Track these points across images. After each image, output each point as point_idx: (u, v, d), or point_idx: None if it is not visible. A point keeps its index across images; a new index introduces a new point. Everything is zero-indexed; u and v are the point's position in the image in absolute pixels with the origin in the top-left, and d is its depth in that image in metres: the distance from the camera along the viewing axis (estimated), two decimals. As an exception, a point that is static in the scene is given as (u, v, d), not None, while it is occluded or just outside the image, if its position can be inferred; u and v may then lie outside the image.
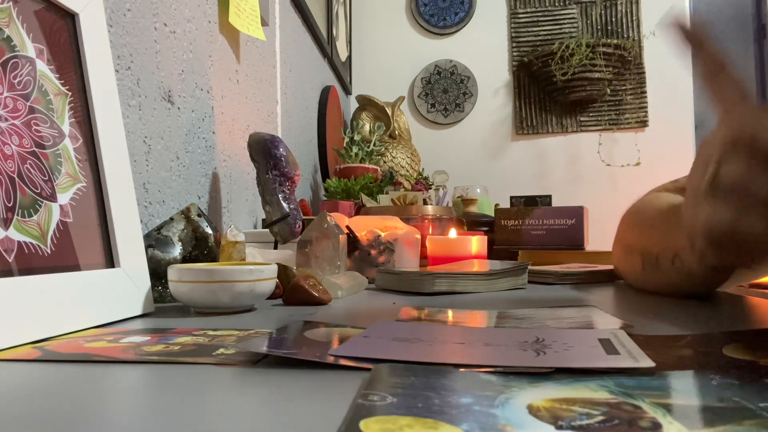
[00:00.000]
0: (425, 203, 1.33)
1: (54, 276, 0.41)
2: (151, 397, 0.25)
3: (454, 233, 0.95)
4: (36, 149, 0.43)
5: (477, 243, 0.92)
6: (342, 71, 2.24)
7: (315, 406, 0.23)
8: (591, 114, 2.42)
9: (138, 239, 0.53)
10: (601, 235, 1.34)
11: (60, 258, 0.43)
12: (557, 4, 2.47)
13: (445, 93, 2.54)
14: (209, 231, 0.64)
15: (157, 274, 0.58)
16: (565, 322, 0.42)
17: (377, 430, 0.19)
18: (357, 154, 1.69)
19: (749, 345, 0.32)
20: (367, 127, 2.08)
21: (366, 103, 2.17)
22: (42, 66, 0.46)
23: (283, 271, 0.62)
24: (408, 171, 1.96)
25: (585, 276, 0.78)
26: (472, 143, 2.51)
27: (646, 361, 0.27)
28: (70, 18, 0.50)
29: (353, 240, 0.83)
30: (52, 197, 0.44)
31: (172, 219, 0.63)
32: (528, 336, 0.35)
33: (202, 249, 0.63)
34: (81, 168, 0.48)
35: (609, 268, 0.79)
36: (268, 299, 0.60)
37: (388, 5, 2.59)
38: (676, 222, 0.52)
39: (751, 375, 0.25)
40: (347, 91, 2.44)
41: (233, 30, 1.06)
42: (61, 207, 0.44)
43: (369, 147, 1.72)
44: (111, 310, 0.46)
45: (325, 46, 1.91)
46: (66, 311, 0.41)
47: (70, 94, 0.48)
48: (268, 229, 0.86)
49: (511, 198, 1.59)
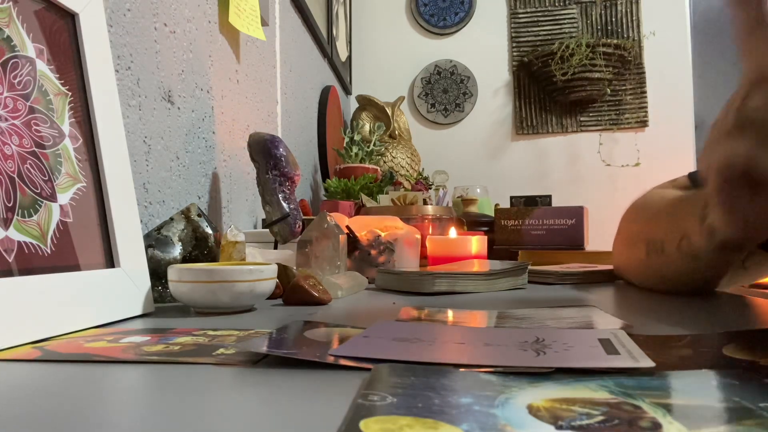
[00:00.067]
0: (425, 203, 1.33)
1: (54, 276, 0.41)
2: (151, 397, 0.25)
3: (454, 233, 0.95)
4: (36, 149, 0.43)
5: (477, 243, 0.92)
6: (342, 71, 2.24)
7: (315, 406, 0.23)
8: (591, 114, 2.42)
9: (138, 239, 0.53)
10: (601, 235, 1.33)
11: (60, 258, 0.43)
12: (557, 4, 2.47)
13: (445, 93, 2.54)
14: (209, 231, 0.64)
15: (157, 274, 0.58)
16: (565, 322, 0.42)
17: (377, 430, 0.19)
18: (357, 154, 1.69)
19: (749, 345, 0.32)
20: (367, 127, 2.08)
21: (366, 103, 2.17)
22: (42, 66, 0.46)
23: (283, 271, 0.62)
24: (408, 171, 1.96)
25: (585, 276, 0.78)
26: (472, 143, 2.51)
27: (646, 361, 0.27)
28: (70, 18, 0.50)
29: (353, 240, 0.83)
30: (52, 197, 0.44)
31: (172, 219, 0.63)
32: (528, 336, 0.35)
33: (202, 249, 0.63)
34: (81, 168, 0.48)
35: (609, 268, 0.79)
36: (268, 299, 0.60)
37: (388, 5, 2.59)
38: (684, 207, 0.55)
39: (751, 375, 0.25)
40: (347, 91, 2.44)
41: (233, 30, 1.06)
42: (61, 207, 0.44)
43: (369, 147, 1.71)
44: (111, 310, 0.46)
45: (325, 46, 1.91)
46: (66, 311, 0.41)
47: (70, 94, 0.48)
48: (268, 229, 0.86)
49: (511, 198, 1.59)
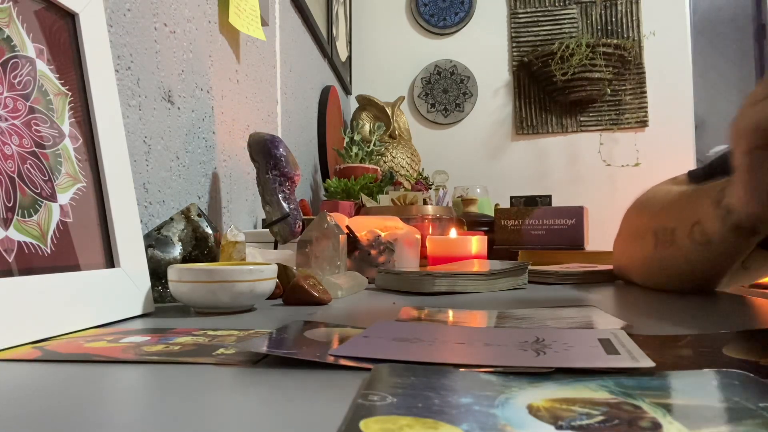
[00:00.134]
0: (425, 203, 1.33)
1: (54, 276, 0.41)
2: (151, 397, 0.25)
3: (454, 233, 0.95)
4: (36, 149, 0.43)
5: (477, 243, 0.92)
6: (342, 71, 2.24)
7: (315, 406, 0.23)
8: (591, 114, 2.42)
9: (138, 239, 0.53)
10: (601, 235, 1.34)
11: (60, 258, 0.43)
12: (557, 4, 2.47)
13: (445, 93, 2.54)
14: (209, 231, 0.64)
15: (157, 274, 0.58)
16: (565, 322, 0.42)
17: (377, 430, 0.19)
18: (357, 154, 1.69)
19: (749, 345, 0.32)
20: (367, 127, 2.08)
21: (366, 103, 2.17)
22: (42, 66, 0.46)
23: (283, 271, 0.62)
24: (408, 171, 1.96)
25: (585, 276, 0.78)
26: (472, 143, 2.51)
27: (646, 361, 0.27)
28: (70, 18, 0.50)
29: (353, 240, 0.83)
30: (52, 197, 0.44)
31: (172, 219, 0.63)
32: (528, 336, 0.35)
33: (202, 249, 0.63)
34: (81, 168, 0.48)
35: (609, 268, 0.79)
36: (268, 299, 0.60)
37: (388, 5, 2.59)
38: (698, 194, 0.56)
39: (751, 375, 0.25)
40: (347, 91, 2.44)
41: (233, 30, 1.06)
42: (61, 207, 0.44)
43: (369, 147, 1.71)
44: (111, 310, 0.46)
45: (325, 46, 1.91)
46: (66, 311, 0.41)
47: (70, 94, 0.48)
48: (268, 229, 0.86)
49: (511, 198, 1.59)
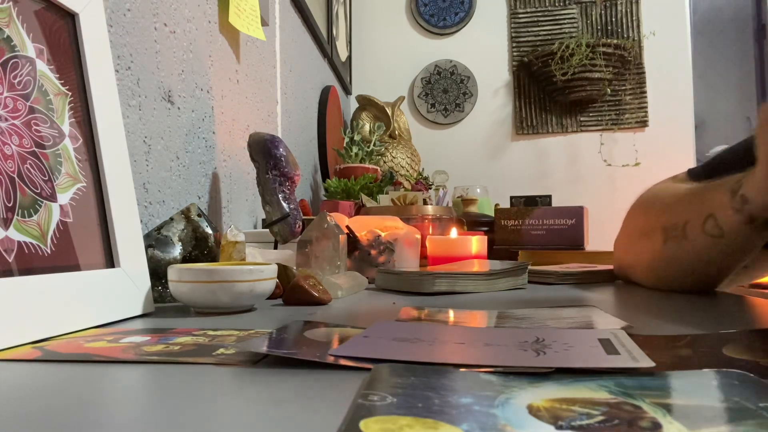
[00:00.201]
0: (425, 203, 1.33)
1: (54, 276, 0.41)
2: (151, 397, 0.25)
3: (454, 233, 0.95)
4: (36, 149, 0.43)
5: (477, 243, 0.92)
6: (342, 71, 2.24)
7: (315, 406, 0.23)
8: (591, 114, 2.42)
9: (138, 239, 0.53)
10: (601, 235, 1.33)
11: (60, 258, 0.43)
12: (557, 4, 2.46)
13: (445, 93, 2.53)
14: (209, 231, 0.64)
15: (157, 274, 0.58)
16: (565, 322, 0.42)
17: (377, 430, 0.19)
18: (357, 154, 1.69)
19: (749, 345, 0.32)
20: (367, 127, 2.08)
21: (366, 103, 2.17)
22: (42, 66, 0.46)
23: (283, 271, 0.62)
24: (408, 171, 1.96)
25: (585, 276, 0.77)
26: (472, 143, 2.51)
27: (646, 361, 0.27)
28: (70, 18, 0.50)
29: (353, 240, 0.83)
30: (52, 197, 0.44)
31: (172, 219, 0.63)
32: (528, 336, 0.35)
33: (202, 249, 0.63)
34: (81, 168, 0.48)
35: (609, 268, 0.79)
36: (268, 299, 0.60)
37: (388, 5, 2.59)
38: (712, 188, 0.55)
39: (751, 375, 0.25)
40: (347, 91, 2.44)
41: (233, 30, 1.06)
42: (61, 207, 0.44)
43: (369, 147, 1.71)
44: (111, 310, 0.46)
45: (325, 46, 1.91)
46: (66, 311, 0.41)
47: (70, 94, 0.48)
48: (268, 229, 0.86)
49: (511, 198, 1.59)
